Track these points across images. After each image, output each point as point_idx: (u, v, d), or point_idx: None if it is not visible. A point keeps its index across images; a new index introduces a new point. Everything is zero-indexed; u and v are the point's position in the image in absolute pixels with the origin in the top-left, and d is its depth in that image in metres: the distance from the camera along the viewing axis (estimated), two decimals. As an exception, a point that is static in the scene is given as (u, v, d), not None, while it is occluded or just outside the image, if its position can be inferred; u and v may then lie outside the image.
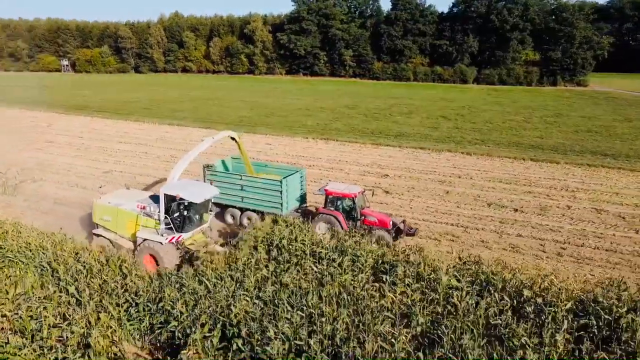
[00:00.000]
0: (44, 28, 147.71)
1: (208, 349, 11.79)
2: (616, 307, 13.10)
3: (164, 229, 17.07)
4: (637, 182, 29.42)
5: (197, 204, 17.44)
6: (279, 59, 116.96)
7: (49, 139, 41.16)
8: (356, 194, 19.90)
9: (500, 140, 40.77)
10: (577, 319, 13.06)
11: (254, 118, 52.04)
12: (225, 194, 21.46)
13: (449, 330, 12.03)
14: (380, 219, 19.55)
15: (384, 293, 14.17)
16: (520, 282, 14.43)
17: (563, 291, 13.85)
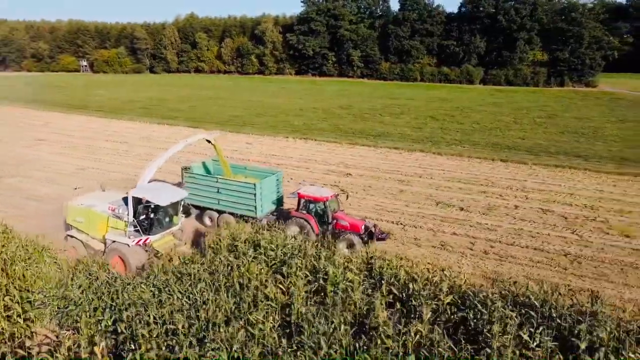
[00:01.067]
0: (64, 29, 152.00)
1: (100, 330, 12.75)
2: (491, 302, 13.59)
3: (132, 231, 17.30)
4: (597, 183, 29.38)
5: (165, 207, 17.65)
6: (288, 59, 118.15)
7: (41, 137, 42.95)
8: (328, 198, 19.79)
9: (479, 141, 40.87)
10: (457, 311, 13.60)
11: (245, 117, 53.15)
12: (202, 197, 21.90)
13: (316, 319, 12.70)
14: (351, 223, 19.41)
15: (283, 285, 14.87)
16: (409, 276, 14.97)
17: (444, 285, 14.30)
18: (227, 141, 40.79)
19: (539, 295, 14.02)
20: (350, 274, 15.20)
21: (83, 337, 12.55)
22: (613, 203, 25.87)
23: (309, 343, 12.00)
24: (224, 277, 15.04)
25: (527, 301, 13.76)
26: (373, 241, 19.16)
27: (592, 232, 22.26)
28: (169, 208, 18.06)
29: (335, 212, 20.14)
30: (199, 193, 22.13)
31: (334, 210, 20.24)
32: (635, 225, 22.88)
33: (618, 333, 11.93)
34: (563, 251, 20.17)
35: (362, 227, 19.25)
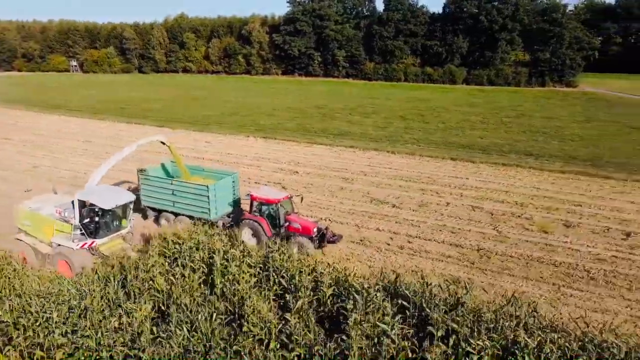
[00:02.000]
0: (55, 30, 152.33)
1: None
2: (366, 292, 14.12)
3: (77, 235, 17.25)
4: (537, 181, 29.92)
5: (110, 210, 17.64)
6: (275, 59, 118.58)
7: (6, 135, 43.43)
8: (280, 200, 19.53)
9: (436, 140, 41.36)
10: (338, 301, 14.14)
11: (216, 117, 53.65)
12: (158, 199, 21.84)
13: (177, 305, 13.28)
14: (303, 226, 19.15)
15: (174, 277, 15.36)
16: (297, 269, 15.49)
17: (326, 277, 14.82)
18: (189, 140, 41.47)
19: (417, 288, 14.53)
20: (234, 267, 15.59)
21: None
22: (544, 200, 26.38)
23: (175, 330, 12.55)
24: (119, 271, 15.58)
25: (406, 293, 14.27)
26: (324, 243, 19.11)
27: (513, 228, 22.79)
28: (115, 211, 17.99)
29: (288, 214, 19.87)
30: (154, 195, 22.05)
31: (287, 212, 19.96)
32: (558, 222, 23.40)
33: (473, 321, 12.41)
34: (477, 246, 20.69)
35: (314, 229, 19.04)
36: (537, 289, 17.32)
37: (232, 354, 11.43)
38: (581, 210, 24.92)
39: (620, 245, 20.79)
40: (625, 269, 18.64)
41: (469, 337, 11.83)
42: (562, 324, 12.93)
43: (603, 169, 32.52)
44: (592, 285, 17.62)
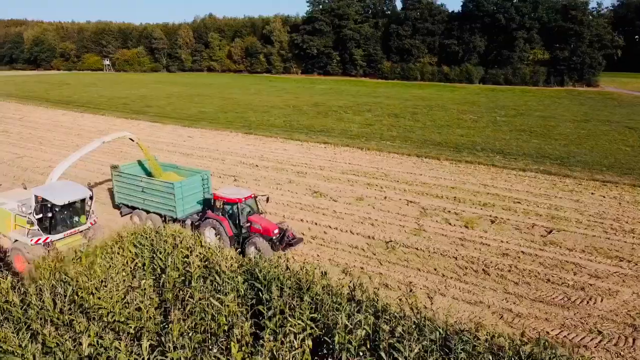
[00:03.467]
0: (91, 30, 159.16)
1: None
2: (225, 274, 14.83)
3: (33, 230, 17.25)
4: (490, 178, 29.86)
5: (63, 206, 17.49)
6: (294, 58, 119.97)
7: (4, 128, 46.24)
8: (241, 199, 18.92)
9: (414, 138, 41.40)
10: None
11: (210, 114, 55.17)
12: (130, 196, 21.94)
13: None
14: (264, 227, 18.59)
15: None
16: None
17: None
18: (173, 135, 43.02)
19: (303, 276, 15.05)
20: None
21: None
22: (485, 196, 26.30)
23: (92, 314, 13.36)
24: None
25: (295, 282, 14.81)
26: (283, 245, 18.65)
27: (436, 222, 22.89)
28: (72, 207, 17.87)
29: (251, 214, 19.42)
30: (125, 192, 22.20)
31: (250, 212, 19.54)
32: (486, 218, 23.34)
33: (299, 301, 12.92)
34: (388, 238, 20.95)
35: (274, 231, 18.52)
36: (425, 279, 17.52)
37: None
38: (517, 207, 24.71)
39: (535, 242, 20.62)
40: (526, 265, 18.56)
41: (291, 316, 12.38)
42: (421, 312, 13.25)
43: (568, 168, 31.93)
44: (480, 278, 17.68)
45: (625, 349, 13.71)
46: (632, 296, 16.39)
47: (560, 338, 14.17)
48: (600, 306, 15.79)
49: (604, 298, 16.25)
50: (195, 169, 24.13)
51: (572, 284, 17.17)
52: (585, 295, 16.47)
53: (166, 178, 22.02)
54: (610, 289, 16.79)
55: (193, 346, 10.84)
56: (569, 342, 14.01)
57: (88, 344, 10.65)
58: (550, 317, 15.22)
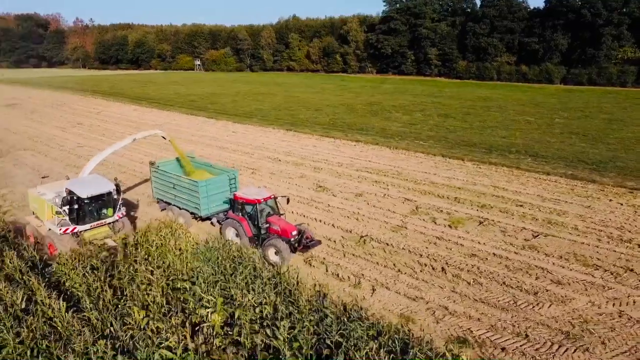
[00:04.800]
0: (185, 32, 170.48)
1: None
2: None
3: (63, 220, 18.20)
4: (506, 181, 28.96)
5: (87, 199, 18.37)
6: (369, 58, 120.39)
7: (80, 121, 51.88)
8: (260, 200, 18.86)
9: (451, 138, 40.76)
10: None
11: (264, 111, 57.66)
12: (164, 192, 22.59)
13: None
14: (283, 228, 18.49)
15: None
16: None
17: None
18: (220, 129, 45.93)
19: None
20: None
21: None
22: (490, 198, 25.71)
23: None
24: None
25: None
26: (300, 248, 18.55)
27: (422, 221, 22.95)
28: (98, 200, 18.74)
29: (270, 215, 19.36)
30: (161, 188, 22.87)
31: (269, 213, 19.45)
32: (476, 219, 22.96)
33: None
34: (364, 233, 21.45)
35: (292, 232, 18.38)
36: (378, 273, 17.90)
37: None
38: (516, 210, 23.97)
39: (513, 245, 20.09)
40: (490, 267, 18.27)
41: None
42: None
43: (600, 173, 30.13)
44: (434, 276, 17.75)
45: (545, 354, 13.38)
46: (585, 305, 15.69)
47: (482, 338, 14.09)
48: (543, 312, 15.35)
49: (554, 304, 15.73)
50: (225, 168, 24.12)
51: (527, 288, 16.73)
52: (535, 300, 16.03)
53: (197, 176, 22.43)
54: (565, 296, 16.18)
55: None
56: (490, 342, 13.91)
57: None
58: (483, 317, 15.11)
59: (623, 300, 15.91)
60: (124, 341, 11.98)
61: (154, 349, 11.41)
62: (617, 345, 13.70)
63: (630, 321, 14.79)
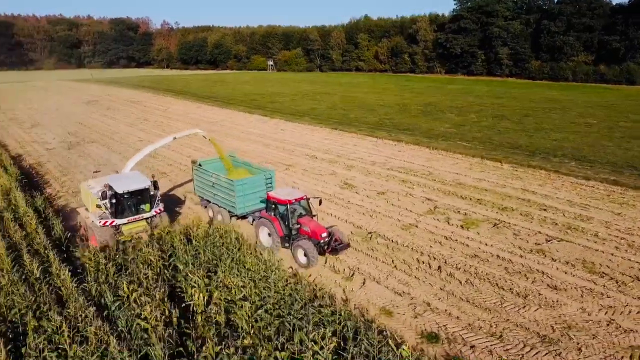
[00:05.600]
0: (260, 34, 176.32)
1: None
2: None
3: (103, 213, 19.24)
4: (539, 185, 28.05)
5: (128, 194, 19.22)
6: (438, 58, 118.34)
7: (147, 117, 55.87)
8: (291, 201, 18.85)
9: (497, 140, 39.81)
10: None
11: (318, 110, 58.91)
12: (205, 190, 23.28)
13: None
14: (313, 229, 18.40)
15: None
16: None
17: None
18: (270, 127, 47.82)
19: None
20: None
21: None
22: (515, 201, 25.16)
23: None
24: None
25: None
26: (328, 250, 18.51)
27: (436, 221, 23.00)
28: (135, 195, 19.50)
29: (301, 216, 19.36)
30: (202, 186, 23.59)
31: (301, 214, 19.46)
32: (491, 221, 22.70)
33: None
34: (371, 230, 21.95)
35: (322, 234, 18.26)
36: (374, 268, 18.38)
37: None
38: (537, 214, 23.36)
39: (521, 249, 19.75)
40: (489, 268, 18.14)
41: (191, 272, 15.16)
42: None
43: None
44: (428, 273, 17.97)
45: (513, 355, 13.39)
46: (575, 311, 15.34)
47: (455, 335, 14.28)
48: (527, 314, 15.21)
49: (541, 308, 15.52)
50: (263, 168, 24.27)
51: (519, 291, 16.57)
52: (523, 302, 15.89)
53: (236, 175, 22.79)
54: (557, 301, 15.87)
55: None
56: (461, 340, 14.09)
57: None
58: (463, 316, 15.24)
59: (618, 309, 15.35)
60: (112, 310, 13.52)
61: (133, 318, 12.81)
62: (593, 352, 13.39)
63: (618, 330, 14.31)
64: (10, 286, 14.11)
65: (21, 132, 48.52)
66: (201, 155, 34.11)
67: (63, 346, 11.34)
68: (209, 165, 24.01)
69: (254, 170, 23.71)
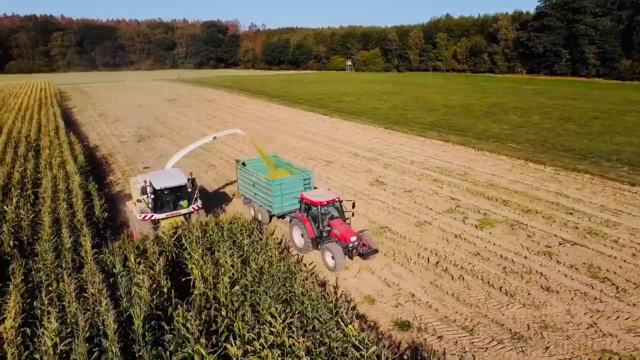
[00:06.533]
0: (340, 34, 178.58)
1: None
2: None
3: (144, 208, 20.14)
4: (576, 188, 27.05)
5: (165, 190, 20.00)
6: (519, 57, 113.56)
7: (216, 114, 59.56)
8: (322, 203, 18.91)
9: (551, 142, 38.19)
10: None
11: (379, 110, 59.25)
12: (246, 188, 23.90)
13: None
14: (342, 233, 18.30)
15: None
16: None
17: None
18: (326, 126, 49.41)
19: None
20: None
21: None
22: (541, 204, 24.64)
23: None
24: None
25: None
26: (354, 254, 18.47)
27: (454, 220, 23.19)
28: (168, 192, 20.19)
29: (333, 218, 19.39)
30: (244, 185, 24.28)
31: (332, 216, 19.52)
32: (509, 222, 22.54)
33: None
34: (385, 226, 22.67)
35: (351, 238, 18.05)
36: (372, 260, 19.21)
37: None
38: (561, 218, 22.78)
39: (529, 250, 19.57)
40: (487, 267, 18.27)
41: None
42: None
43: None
44: (424, 268, 18.47)
45: (476, 347, 13.77)
46: (560, 312, 15.29)
47: (427, 325, 14.85)
48: (508, 312, 15.41)
49: (524, 307, 15.63)
50: (302, 168, 24.41)
51: (509, 289, 16.70)
52: (508, 300, 16.06)
53: (277, 175, 23.07)
54: (544, 302, 15.87)
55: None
56: (431, 330, 14.66)
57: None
58: (442, 309, 15.75)
59: (605, 314, 15.07)
60: (118, 277, 15.60)
61: (132, 285, 14.78)
62: (561, 352, 13.44)
63: (597, 333, 14.16)
64: (44, 253, 16.65)
65: (104, 126, 53.83)
66: (252, 151, 36.06)
67: (65, 303, 13.50)
68: (253, 165, 24.69)
69: (294, 170, 24.02)
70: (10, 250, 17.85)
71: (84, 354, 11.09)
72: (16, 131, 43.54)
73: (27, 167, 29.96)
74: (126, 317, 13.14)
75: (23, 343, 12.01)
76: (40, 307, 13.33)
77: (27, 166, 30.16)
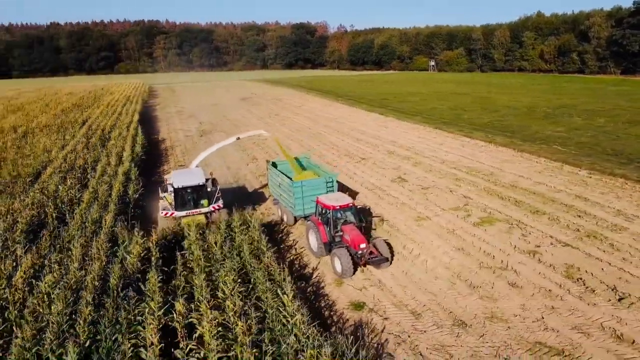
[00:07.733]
0: (424, 34, 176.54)
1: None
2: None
3: (168, 205, 20.93)
4: (601, 192, 26.17)
5: (184, 189, 20.56)
6: (613, 57, 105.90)
7: (279, 112, 62.57)
8: (335, 207, 18.71)
9: (602, 146, 36.32)
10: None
11: (437, 110, 58.66)
12: (275, 189, 24.15)
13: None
14: (352, 239, 18.04)
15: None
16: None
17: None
18: (377, 124, 50.47)
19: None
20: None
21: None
22: (553, 206, 24.29)
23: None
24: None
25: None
26: (361, 263, 18.07)
27: (455, 216, 23.65)
28: (188, 190, 20.72)
29: (346, 224, 19.14)
30: (273, 185, 24.62)
31: (346, 221, 19.33)
32: (510, 221, 22.65)
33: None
34: (388, 220, 23.70)
35: (360, 245, 17.74)
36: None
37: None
38: (567, 219, 22.38)
39: (516, 249, 19.61)
40: (467, 263, 18.68)
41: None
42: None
43: None
44: (402, 258, 19.40)
45: (412, 328, 14.69)
46: (514, 305, 15.66)
47: (378, 307, 15.98)
48: (461, 302, 16.01)
49: (480, 299, 16.13)
50: (327, 171, 24.18)
51: (474, 282, 17.23)
52: (468, 292, 16.66)
53: (302, 177, 22.97)
54: (504, 296, 16.28)
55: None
56: (382, 312, 15.79)
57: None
58: (401, 294, 16.73)
59: (558, 311, 15.23)
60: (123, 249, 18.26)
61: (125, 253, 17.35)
62: (494, 340, 14.00)
63: (539, 327, 14.50)
64: (74, 224, 19.87)
65: (177, 121, 58.76)
66: (297, 147, 38.17)
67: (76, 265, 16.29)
68: (283, 166, 24.94)
69: (321, 173, 23.78)
70: (52, 221, 21.26)
71: (66, 299, 13.65)
72: (96, 124, 49.12)
73: (92, 155, 34.27)
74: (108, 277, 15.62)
75: (30, 291, 14.89)
76: (50, 265, 16.23)
77: (92, 154, 34.47)
